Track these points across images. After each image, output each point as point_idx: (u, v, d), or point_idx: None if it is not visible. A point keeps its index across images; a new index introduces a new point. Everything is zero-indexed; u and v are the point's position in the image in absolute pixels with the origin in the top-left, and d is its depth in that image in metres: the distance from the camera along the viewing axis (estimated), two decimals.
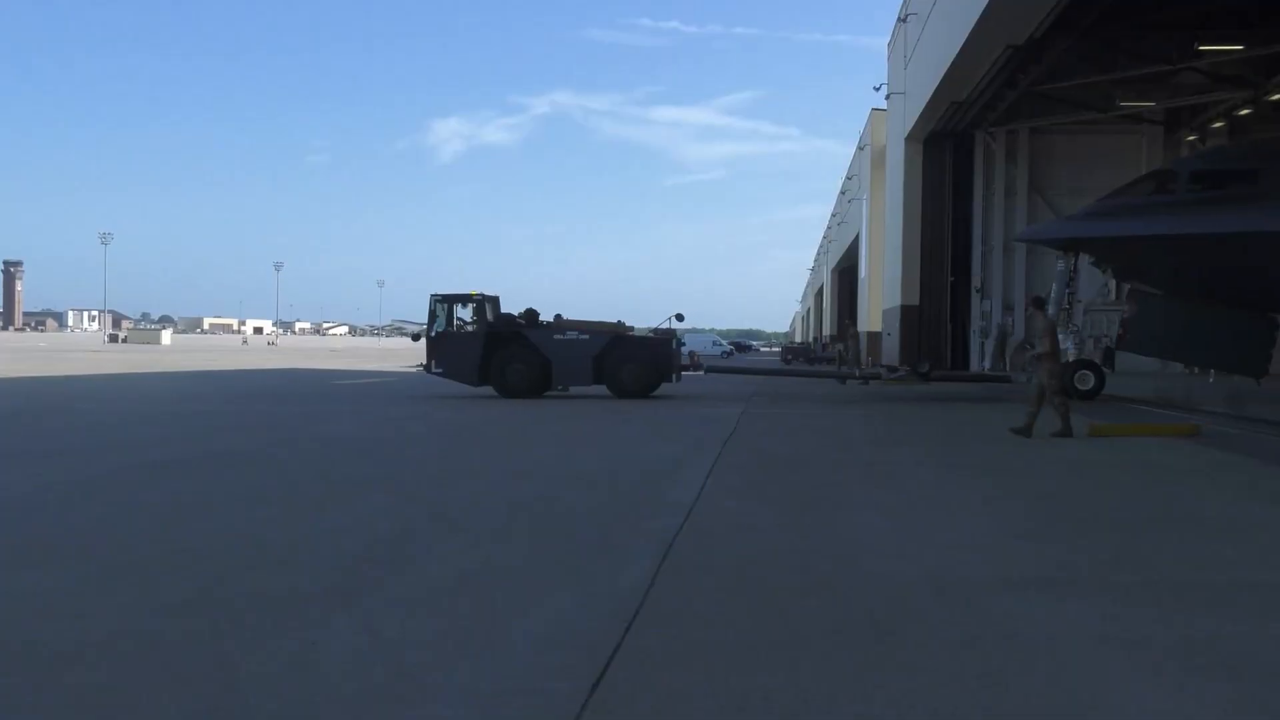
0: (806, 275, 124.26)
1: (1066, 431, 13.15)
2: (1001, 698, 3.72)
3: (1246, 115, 32.24)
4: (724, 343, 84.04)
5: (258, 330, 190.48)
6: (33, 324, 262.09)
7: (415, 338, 24.63)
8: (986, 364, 34.04)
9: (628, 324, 22.54)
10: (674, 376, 22.03)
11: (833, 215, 79.14)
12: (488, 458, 11.67)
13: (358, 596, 5.06)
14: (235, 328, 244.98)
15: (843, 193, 68.75)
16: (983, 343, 35.21)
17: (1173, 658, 4.18)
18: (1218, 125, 33.44)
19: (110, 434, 13.57)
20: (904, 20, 37.02)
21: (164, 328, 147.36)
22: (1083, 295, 22.85)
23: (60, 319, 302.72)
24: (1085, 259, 22.58)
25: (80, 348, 72.87)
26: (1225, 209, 20.07)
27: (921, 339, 36.00)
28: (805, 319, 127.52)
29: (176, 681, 3.83)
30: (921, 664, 4.07)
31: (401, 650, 4.22)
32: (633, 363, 21.35)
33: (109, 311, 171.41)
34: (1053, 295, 22.91)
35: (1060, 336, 22.62)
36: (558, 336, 21.32)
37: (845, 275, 74.49)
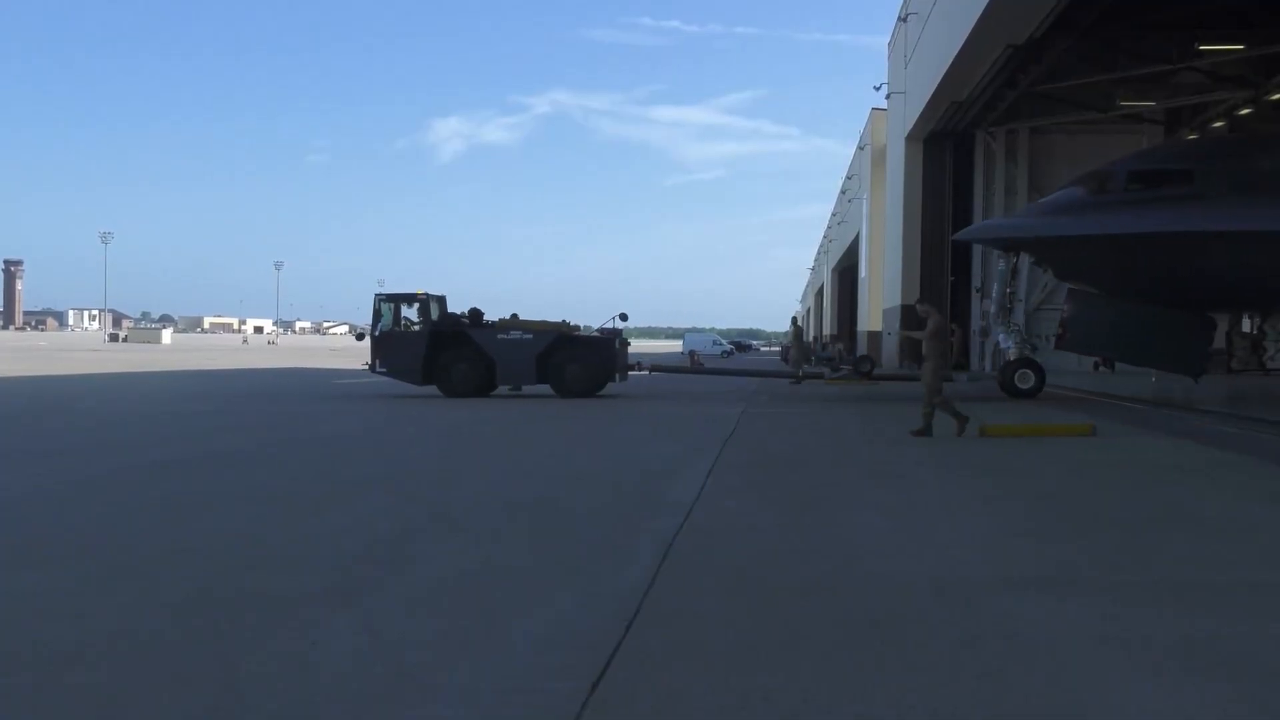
0: (807, 275, 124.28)
1: (926, 431, 13.17)
2: (1002, 697, 3.72)
3: (1247, 115, 32.23)
4: (724, 342, 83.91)
5: (258, 330, 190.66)
6: (33, 323, 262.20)
7: (359, 337, 24.65)
8: (987, 365, 34.08)
9: (573, 323, 22.57)
10: (618, 376, 22.01)
11: (833, 215, 79.11)
12: (487, 457, 11.67)
13: (358, 596, 5.06)
14: (235, 327, 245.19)
15: (843, 192, 68.73)
16: (982, 343, 35.20)
17: (1173, 658, 4.18)
18: (1218, 125, 33.41)
19: (111, 433, 13.57)
20: (904, 20, 37.02)
21: (164, 327, 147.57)
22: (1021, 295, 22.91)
23: (60, 318, 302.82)
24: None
25: (81, 347, 72.87)
26: (1161, 208, 20.21)
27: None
28: (805, 319, 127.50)
29: (176, 681, 3.82)
30: (922, 664, 4.07)
31: (401, 650, 4.21)
32: (576, 363, 21.34)
33: (109, 311, 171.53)
34: (994, 295, 23.06)
35: (1001, 336, 22.87)
36: (501, 336, 21.33)
37: (845, 275, 74.45)
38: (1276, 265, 19.97)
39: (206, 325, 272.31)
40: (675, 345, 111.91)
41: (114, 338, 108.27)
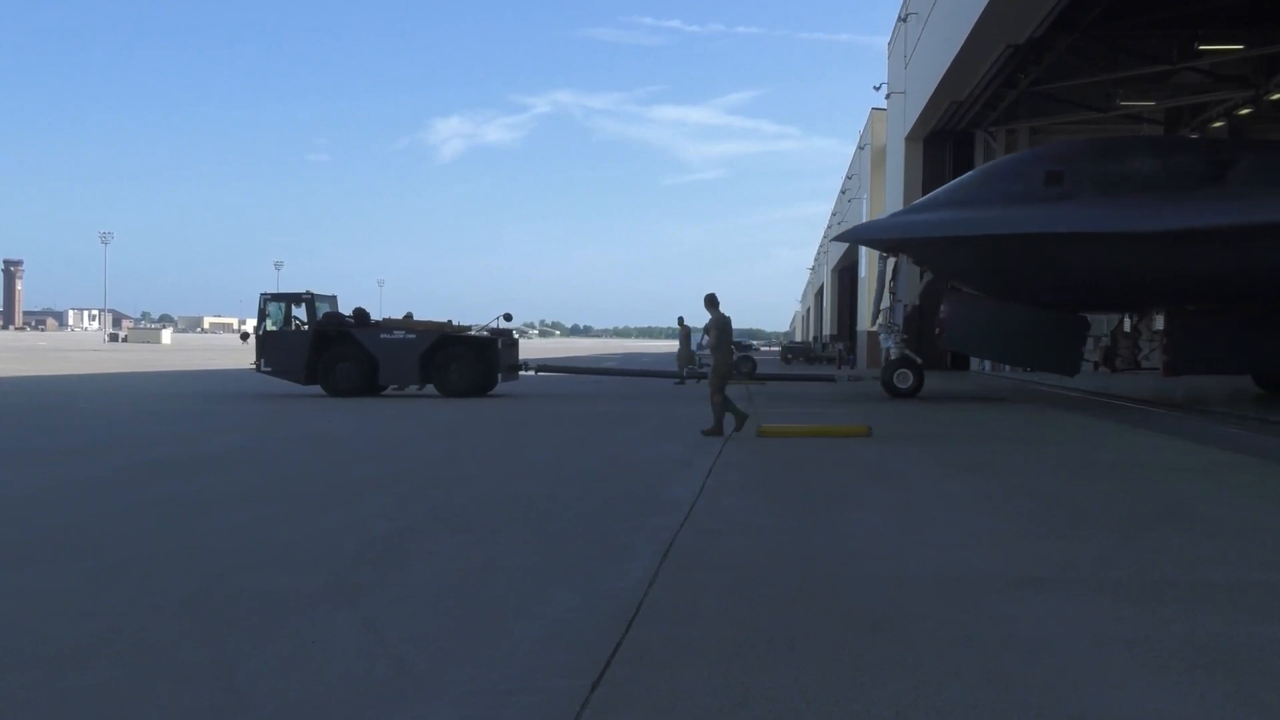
0: (807, 275, 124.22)
1: (717, 430, 13.36)
2: (1002, 696, 3.72)
3: (1247, 115, 32.23)
4: None
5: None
6: (33, 323, 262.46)
7: (244, 337, 24.78)
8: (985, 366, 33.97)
9: (457, 323, 22.62)
10: (501, 376, 22.06)
11: (833, 214, 79.13)
12: (487, 457, 11.66)
13: (358, 596, 5.06)
14: (235, 326, 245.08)
15: (843, 192, 68.76)
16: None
17: (1174, 657, 4.18)
18: (1218, 125, 33.42)
19: (111, 433, 13.57)
20: (904, 20, 37.03)
21: (164, 327, 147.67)
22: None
23: (60, 318, 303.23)
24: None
25: (81, 347, 72.90)
26: (1030, 209, 20.40)
27: (921, 339, 35.94)
28: (805, 319, 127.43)
29: (176, 681, 3.83)
30: (922, 662, 4.07)
31: (401, 650, 4.22)
32: (459, 362, 21.37)
33: (109, 311, 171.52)
34: (875, 295, 23.27)
35: (881, 336, 23.06)
36: (384, 336, 21.42)
37: (845, 275, 74.42)
38: (1139, 265, 20.20)
39: (206, 325, 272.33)
40: (675, 345, 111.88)
41: (114, 338, 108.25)
